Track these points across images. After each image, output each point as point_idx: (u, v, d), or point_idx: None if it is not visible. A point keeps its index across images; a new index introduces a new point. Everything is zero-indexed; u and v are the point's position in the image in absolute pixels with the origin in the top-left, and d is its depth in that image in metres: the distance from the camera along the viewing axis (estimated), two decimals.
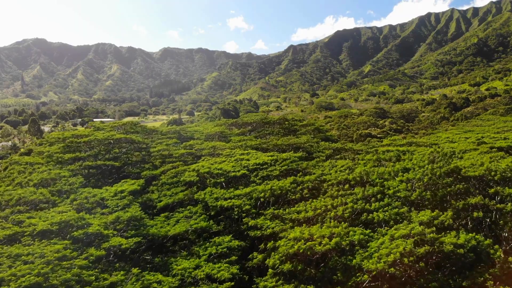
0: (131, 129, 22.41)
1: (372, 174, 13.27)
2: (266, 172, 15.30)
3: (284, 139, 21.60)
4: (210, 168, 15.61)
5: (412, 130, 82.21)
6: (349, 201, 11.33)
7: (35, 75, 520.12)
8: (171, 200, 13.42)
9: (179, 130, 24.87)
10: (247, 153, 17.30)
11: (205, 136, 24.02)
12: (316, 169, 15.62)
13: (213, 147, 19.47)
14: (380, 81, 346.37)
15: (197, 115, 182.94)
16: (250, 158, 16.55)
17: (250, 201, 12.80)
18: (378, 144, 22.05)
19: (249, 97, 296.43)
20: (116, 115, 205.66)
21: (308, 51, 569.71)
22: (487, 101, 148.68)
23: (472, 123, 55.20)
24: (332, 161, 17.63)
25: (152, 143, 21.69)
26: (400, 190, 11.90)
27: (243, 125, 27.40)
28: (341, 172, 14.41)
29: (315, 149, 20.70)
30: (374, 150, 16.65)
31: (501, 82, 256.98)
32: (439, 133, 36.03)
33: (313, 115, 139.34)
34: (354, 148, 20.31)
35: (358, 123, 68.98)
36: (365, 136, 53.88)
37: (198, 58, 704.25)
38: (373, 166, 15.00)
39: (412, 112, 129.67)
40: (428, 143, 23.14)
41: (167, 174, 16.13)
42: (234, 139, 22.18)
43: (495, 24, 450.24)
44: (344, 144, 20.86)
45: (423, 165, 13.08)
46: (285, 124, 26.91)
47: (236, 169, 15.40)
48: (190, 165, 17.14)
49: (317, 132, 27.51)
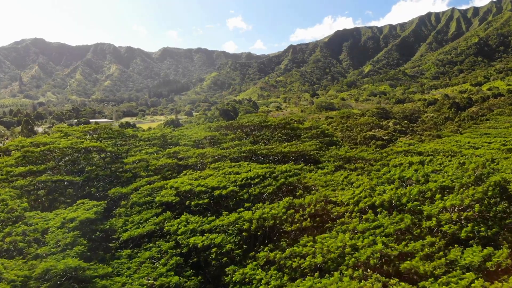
0: (105, 134, 19.26)
1: (402, 196, 10.22)
2: (258, 188, 12.34)
3: (286, 146, 18.47)
4: (192, 184, 12.78)
5: (416, 131, 79.28)
6: (378, 241, 8.17)
7: (34, 75, 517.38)
8: (138, 231, 10.36)
9: (164, 135, 21.70)
10: (238, 165, 14.31)
11: (193, 141, 20.96)
12: (323, 186, 12.58)
13: (201, 155, 16.43)
14: (380, 81, 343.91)
15: (195, 115, 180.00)
16: (241, 171, 13.44)
17: (234, 236, 9.82)
18: (392, 150, 19.12)
19: (249, 97, 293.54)
20: (113, 115, 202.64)
21: (308, 51, 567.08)
22: (490, 101, 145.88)
23: (485, 125, 52.19)
24: (344, 173, 14.55)
25: (130, 151, 18.63)
26: (442, 222, 8.89)
27: (239, 128, 24.37)
28: (355, 190, 11.30)
29: (322, 157, 17.71)
30: (396, 163, 13.47)
31: (503, 82, 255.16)
32: (454, 137, 33.06)
33: (314, 116, 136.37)
34: (366, 157, 17.30)
35: (361, 124, 66.05)
36: (370, 139, 50.91)
37: (198, 58, 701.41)
38: (398, 183, 11.90)
39: (414, 112, 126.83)
40: (447, 148, 20.20)
41: (140, 192, 13.12)
42: (225, 145, 19.01)
43: (496, 24, 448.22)
44: (354, 152, 17.79)
45: (466, 182, 10.04)
46: (287, 128, 23.70)
47: (222, 184, 12.57)
48: (171, 179, 14.16)
49: (322, 136, 24.37)
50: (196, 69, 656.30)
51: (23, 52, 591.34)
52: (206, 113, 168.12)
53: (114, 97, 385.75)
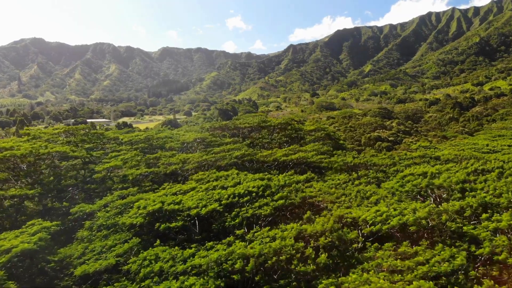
0: (82, 137, 16.78)
1: (439, 214, 7.90)
2: (251, 209, 9.57)
3: (286, 151, 16.01)
4: (163, 203, 10.12)
5: (421, 132, 77.05)
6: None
7: (33, 75, 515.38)
8: (95, 266, 7.91)
9: (149, 137, 19.12)
10: (226, 176, 11.88)
11: (181, 144, 18.70)
12: (333, 202, 10.24)
13: (185, 162, 13.97)
14: (381, 80, 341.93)
15: (194, 115, 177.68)
16: (228, 184, 11.00)
17: (220, 281, 7.04)
18: (406, 155, 16.84)
19: (249, 97, 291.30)
20: (111, 115, 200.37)
21: (308, 51, 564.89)
22: (494, 101, 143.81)
23: (497, 125, 49.84)
24: (355, 183, 12.19)
25: (106, 157, 16.10)
26: (497, 250, 6.61)
27: (235, 129, 22.02)
28: (378, 208, 8.94)
29: (327, 164, 15.30)
30: (418, 171, 11.15)
31: (504, 82, 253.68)
32: (469, 139, 30.75)
33: (314, 115, 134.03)
34: (378, 163, 14.95)
35: (365, 124, 63.71)
36: (375, 140, 48.45)
37: (197, 57, 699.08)
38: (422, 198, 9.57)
39: (417, 112, 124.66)
40: (468, 154, 17.92)
41: (110, 209, 10.76)
42: (217, 149, 16.52)
43: (496, 23, 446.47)
44: (365, 158, 15.45)
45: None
46: (288, 129, 21.20)
47: (203, 202, 9.98)
48: (150, 191, 11.80)
49: (327, 138, 21.89)
50: (195, 68, 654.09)
51: (22, 52, 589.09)
52: (205, 113, 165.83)
53: (113, 97, 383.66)
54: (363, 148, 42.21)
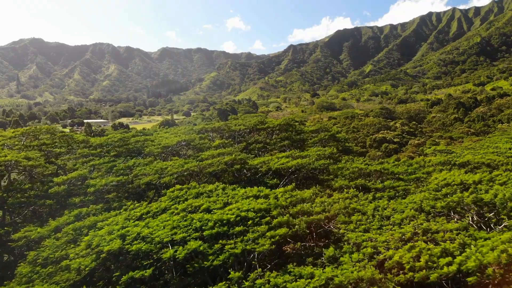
0: (47, 140, 14.23)
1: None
2: (242, 243, 7.06)
3: (286, 157, 13.52)
4: (124, 239, 7.52)
5: (425, 133, 74.76)
6: None
7: (31, 75, 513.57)
8: None
9: (125, 140, 16.27)
10: (209, 192, 9.22)
11: (161, 148, 16.02)
12: (349, 229, 7.85)
13: (161, 171, 12.27)
14: (382, 80, 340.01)
15: (193, 115, 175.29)
16: (213, 206, 8.62)
17: None
18: (425, 161, 14.49)
19: (248, 97, 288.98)
20: (109, 116, 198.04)
21: (308, 51, 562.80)
22: (498, 101, 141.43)
23: (504, 126, 47.50)
24: (371, 199, 9.82)
25: (71, 164, 13.50)
26: None
27: (229, 132, 19.58)
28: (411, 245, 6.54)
29: (335, 170, 12.90)
30: (455, 180, 8.75)
31: (506, 82, 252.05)
32: (485, 141, 28.40)
33: (315, 116, 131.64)
34: (393, 171, 12.58)
35: (368, 125, 61.34)
36: (380, 142, 45.97)
37: (197, 58, 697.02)
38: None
39: (420, 113, 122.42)
40: (495, 158, 15.61)
41: (61, 236, 8.29)
42: (204, 155, 13.88)
43: (497, 23, 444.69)
44: (380, 165, 13.04)
45: None
46: (289, 131, 18.59)
47: (179, 234, 7.35)
48: (114, 210, 9.28)
49: (332, 140, 19.32)
50: (195, 69, 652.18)
51: (21, 52, 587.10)
52: (204, 113, 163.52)
53: (112, 97, 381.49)
54: (367, 150, 39.91)
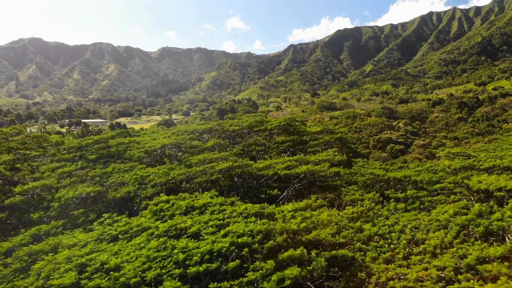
0: (13, 143, 12.24)
1: None
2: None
3: (287, 162, 11.58)
4: (87, 264, 5.57)
5: (429, 133, 73.00)
6: None
7: (31, 75, 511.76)
8: None
9: (101, 141, 13.77)
10: (201, 209, 7.01)
11: (143, 152, 13.32)
12: (380, 262, 6.07)
13: (142, 180, 10.17)
14: (382, 80, 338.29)
15: (192, 115, 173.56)
16: (205, 232, 6.02)
17: None
18: (445, 166, 12.71)
19: (248, 97, 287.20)
20: (107, 115, 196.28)
21: (309, 51, 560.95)
22: (501, 100, 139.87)
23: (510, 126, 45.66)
24: (405, 225, 8.02)
25: (37, 171, 11.41)
26: None
27: (225, 133, 17.75)
28: None
29: (348, 176, 10.96)
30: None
31: (508, 82, 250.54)
32: (500, 143, 26.68)
33: (315, 116, 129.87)
34: (416, 179, 10.69)
35: (370, 125, 59.52)
36: (386, 142, 44.01)
37: (197, 57, 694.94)
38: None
39: (422, 113, 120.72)
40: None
41: (11, 262, 6.50)
42: (193, 160, 11.85)
43: (498, 23, 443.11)
44: (400, 172, 11.16)
45: None
46: (290, 132, 16.57)
47: (153, 272, 5.17)
48: (81, 225, 7.45)
49: (339, 143, 17.21)
50: (195, 69, 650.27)
51: (20, 52, 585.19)
52: (203, 113, 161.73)
53: (111, 97, 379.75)
54: (370, 151, 38.12)
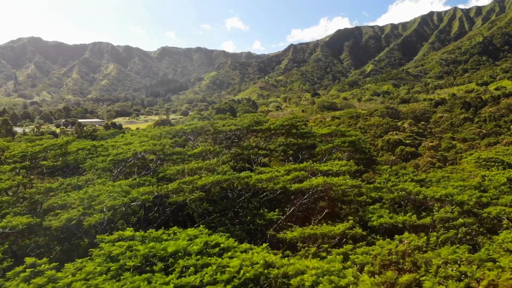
0: None
1: None
2: None
3: (292, 172, 8.80)
4: None
5: (435, 133, 70.39)
6: None
7: (29, 74, 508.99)
8: None
9: (60, 146, 10.74)
10: (174, 256, 4.54)
11: (109, 162, 10.11)
12: None
13: (90, 203, 6.51)
14: (383, 80, 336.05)
15: (190, 115, 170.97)
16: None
17: None
18: (488, 177, 10.23)
19: (248, 97, 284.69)
20: (105, 115, 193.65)
21: (309, 50, 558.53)
22: (505, 100, 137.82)
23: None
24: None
25: None
26: None
27: (217, 133, 15.16)
28: None
29: (369, 191, 8.31)
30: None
31: (510, 82, 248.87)
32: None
33: (316, 116, 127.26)
34: (461, 200, 7.99)
35: (375, 125, 56.93)
36: (395, 144, 40.99)
37: (197, 57, 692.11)
38: None
39: (425, 113, 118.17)
40: None
41: None
42: (171, 170, 8.88)
43: (500, 23, 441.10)
44: (439, 189, 8.61)
45: None
46: (292, 134, 13.81)
47: None
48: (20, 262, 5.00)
49: (349, 146, 14.21)
50: (195, 68, 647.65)
51: (19, 51, 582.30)
52: (202, 112, 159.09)
53: (110, 96, 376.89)
54: (378, 154, 35.58)
